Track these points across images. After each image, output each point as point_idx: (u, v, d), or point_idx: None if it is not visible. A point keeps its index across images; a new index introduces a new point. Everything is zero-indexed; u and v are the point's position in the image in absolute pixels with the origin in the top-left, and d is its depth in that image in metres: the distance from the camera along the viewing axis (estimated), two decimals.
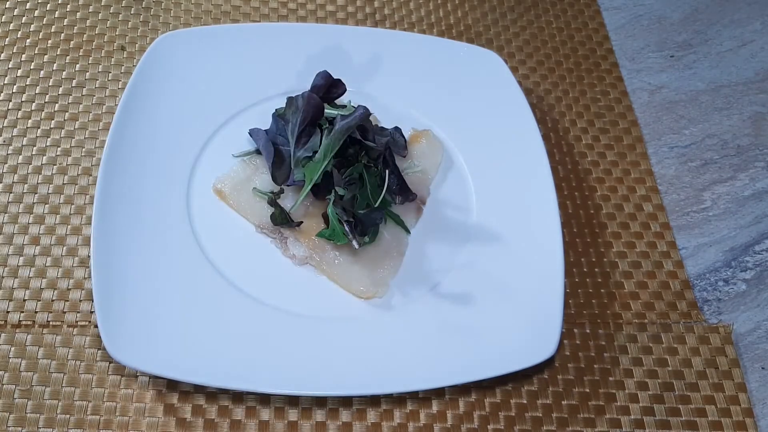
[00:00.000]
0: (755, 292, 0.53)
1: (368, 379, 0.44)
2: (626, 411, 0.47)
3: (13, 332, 0.46)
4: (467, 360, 0.46)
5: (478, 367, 0.45)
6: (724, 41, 0.68)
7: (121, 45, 0.61)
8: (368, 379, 0.45)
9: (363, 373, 0.45)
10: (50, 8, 0.62)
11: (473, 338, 0.47)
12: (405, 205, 0.52)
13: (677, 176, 0.59)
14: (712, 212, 0.57)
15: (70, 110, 0.57)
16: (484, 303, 0.49)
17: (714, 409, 0.47)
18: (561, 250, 0.49)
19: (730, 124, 0.62)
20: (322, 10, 0.65)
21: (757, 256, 0.55)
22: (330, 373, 0.44)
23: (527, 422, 0.46)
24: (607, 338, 0.50)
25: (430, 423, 0.45)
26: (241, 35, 0.59)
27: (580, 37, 0.66)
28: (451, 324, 0.48)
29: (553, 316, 0.47)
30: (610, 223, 0.55)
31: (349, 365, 0.45)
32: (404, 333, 0.47)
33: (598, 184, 0.57)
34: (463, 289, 0.49)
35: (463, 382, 0.46)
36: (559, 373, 0.48)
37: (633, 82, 0.64)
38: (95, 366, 0.46)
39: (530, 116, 0.56)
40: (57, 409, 0.44)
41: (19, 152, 0.54)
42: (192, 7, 0.64)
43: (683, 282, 0.53)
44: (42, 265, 0.49)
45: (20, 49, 0.60)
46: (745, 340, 0.51)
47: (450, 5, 0.67)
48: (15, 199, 0.52)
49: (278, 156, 0.51)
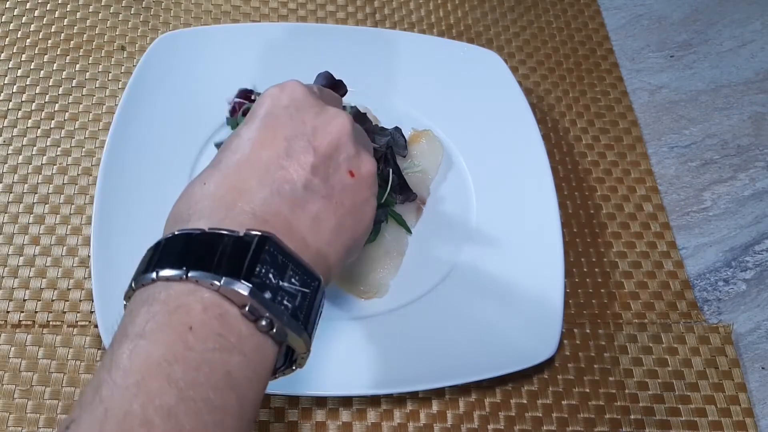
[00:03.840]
0: (755, 292, 0.53)
1: (368, 380, 0.44)
2: (626, 411, 0.47)
3: (13, 332, 0.46)
4: (467, 360, 0.46)
5: (479, 367, 0.45)
6: (725, 41, 0.68)
7: (121, 45, 0.61)
8: (368, 379, 0.45)
9: (363, 374, 0.45)
10: (50, 8, 0.62)
11: (473, 338, 0.47)
12: (405, 205, 0.52)
13: (677, 176, 0.59)
14: (712, 212, 0.57)
15: (70, 110, 0.57)
16: (484, 303, 0.49)
17: (714, 409, 0.47)
18: (561, 250, 0.49)
19: (731, 124, 0.62)
20: (322, 9, 0.65)
21: (757, 256, 0.55)
22: (330, 373, 0.44)
23: (527, 422, 0.46)
24: (607, 338, 0.50)
25: (430, 423, 0.45)
26: (242, 35, 0.59)
27: (580, 37, 0.66)
28: (452, 324, 0.48)
29: (553, 316, 0.47)
30: (610, 223, 0.55)
31: (349, 365, 0.45)
32: (404, 333, 0.47)
33: (598, 184, 0.57)
34: (463, 290, 0.49)
35: (464, 382, 0.46)
36: (559, 373, 0.48)
37: (633, 82, 0.64)
38: (95, 366, 0.46)
39: (530, 116, 0.56)
40: (57, 409, 0.44)
41: (19, 152, 0.54)
42: (192, 7, 0.64)
43: (683, 282, 0.53)
44: (42, 265, 0.49)
45: (20, 49, 0.60)
46: (745, 340, 0.51)
47: (450, 5, 0.67)
48: (15, 199, 0.52)
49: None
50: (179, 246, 0.30)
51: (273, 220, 0.32)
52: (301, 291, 0.31)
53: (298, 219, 0.33)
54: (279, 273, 0.30)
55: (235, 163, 0.34)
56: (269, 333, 0.29)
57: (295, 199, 0.33)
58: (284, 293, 0.30)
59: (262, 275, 0.29)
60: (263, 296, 0.29)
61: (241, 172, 0.33)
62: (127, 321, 0.29)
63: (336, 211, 0.34)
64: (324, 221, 0.34)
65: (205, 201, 0.33)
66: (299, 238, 0.33)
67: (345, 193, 0.35)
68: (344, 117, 0.36)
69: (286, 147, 0.34)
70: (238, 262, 0.29)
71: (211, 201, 0.32)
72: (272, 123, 0.35)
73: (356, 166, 0.36)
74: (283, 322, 0.29)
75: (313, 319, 0.31)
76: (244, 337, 0.29)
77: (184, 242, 0.30)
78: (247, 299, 0.29)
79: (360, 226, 0.36)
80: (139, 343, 0.27)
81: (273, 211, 0.32)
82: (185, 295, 0.28)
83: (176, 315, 0.28)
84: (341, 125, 0.36)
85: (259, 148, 0.34)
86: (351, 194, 0.35)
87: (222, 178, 0.33)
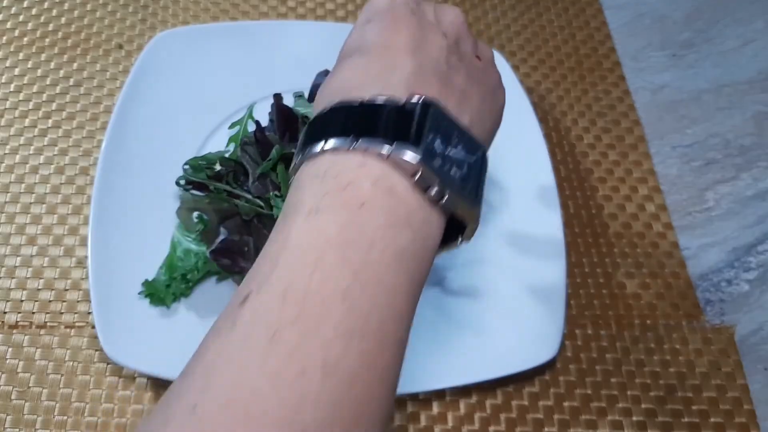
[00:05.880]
0: (758, 292, 0.53)
1: None
2: (628, 413, 0.46)
3: (10, 333, 0.46)
4: (468, 361, 0.45)
5: (479, 369, 0.45)
6: (727, 40, 0.67)
7: (118, 43, 0.60)
8: None
9: None
10: (47, 6, 0.62)
11: (474, 339, 0.46)
12: None
13: (680, 176, 0.58)
14: (715, 212, 0.57)
15: (68, 109, 0.56)
16: (484, 304, 0.48)
17: (717, 410, 0.47)
18: (563, 250, 0.49)
19: (733, 123, 0.62)
20: (322, 8, 0.65)
21: (760, 256, 0.54)
22: None
23: (528, 424, 0.46)
24: (609, 339, 0.49)
25: (430, 425, 0.45)
26: (240, 33, 0.59)
27: (581, 35, 0.66)
28: (452, 325, 0.47)
29: (555, 317, 0.47)
30: (612, 224, 0.55)
31: None
32: None
33: (600, 184, 0.57)
34: (464, 290, 0.49)
35: (464, 383, 0.45)
36: (561, 375, 0.48)
37: (635, 81, 0.64)
38: (93, 367, 0.45)
39: (532, 115, 0.55)
40: (54, 411, 0.43)
41: (16, 152, 0.54)
42: (190, 5, 0.64)
43: (686, 283, 0.52)
44: (39, 266, 0.49)
45: (17, 48, 0.59)
46: (749, 341, 0.50)
47: (451, 3, 0.66)
48: (12, 199, 0.51)
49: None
50: (341, 116, 0.30)
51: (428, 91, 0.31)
52: (467, 159, 0.30)
53: (448, 91, 0.32)
54: (445, 139, 0.29)
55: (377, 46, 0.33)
56: (438, 203, 0.29)
57: (442, 74, 0.33)
58: (452, 161, 0.29)
59: (430, 141, 0.28)
60: (433, 163, 0.28)
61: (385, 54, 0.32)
62: (298, 196, 0.28)
63: (479, 87, 0.34)
64: (470, 97, 0.33)
65: (355, 79, 0.32)
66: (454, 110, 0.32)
67: (479, 74, 0.35)
68: (458, 10, 0.37)
69: (420, 31, 0.34)
70: (405, 127, 0.28)
71: (363, 77, 0.32)
72: (398, 15, 0.34)
73: (480, 51, 0.37)
74: (454, 190, 0.29)
75: (481, 188, 0.31)
76: (413, 210, 0.28)
77: (345, 112, 0.30)
78: (417, 167, 0.28)
79: (497, 106, 0.37)
80: (313, 220, 0.27)
81: (426, 82, 0.32)
82: (355, 168, 0.28)
83: (347, 192, 0.27)
84: (459, 16, 0.37)
85: (394, 34, 0.33)
86: (484, 76, 0.36)
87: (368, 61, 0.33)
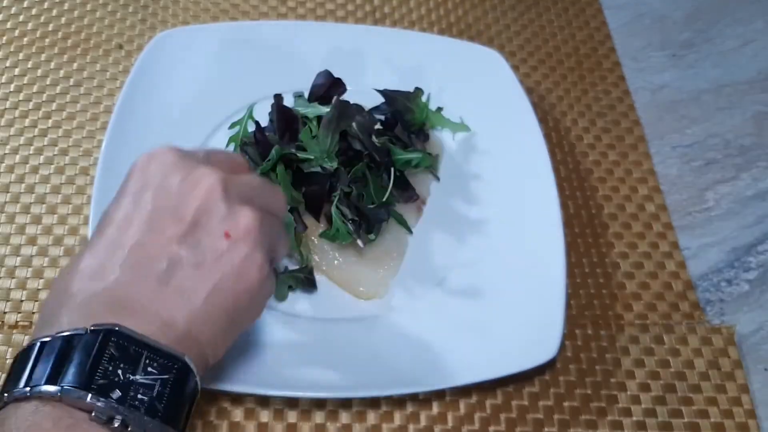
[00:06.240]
0: (758, 292, 0.53)
1: (368, 381, 0.44)
2: (628, 413, 0.46)
3: (10, 333, 0.46)
4: (468, 361, 0.45)
5: (479, 369, 0.45)
6: (727, 40, 0.67)
7: (118, 43, 0.60)
8: (368, 380, 0.44)
9: (363, 375, 0.44)
10: (47, 6, 0.62)
11: (474, 340, 0.46)
12: (406, 205, 0.52)
13: (680, 176, 0.58)
14: (715, 212, 0.57)
15: (68, 109, 0.56)
16: (484, 304, 0.48)
17: (716, 410, 0.47)
18: (563, 250, 0.49)
19: (733, 123, 0.62)
20: (322, 8, 0.65)
21: (760, 256, 0.54)
22: (329, 374, 0.44)
23: (528, 424, 0.46)
24: (608, 339, 0.49)
25: (430, 425, 0.45)
26: (240, 33, 0.59)
27: (581, 35, 0.66)
28: (452, 325, 0.47)
29: (554, 317, 0.47)
30: (612, 224, 0.55)
31: (349, 367, 0.45)
32: (404, 334, 0.47)
33: (599, 184, 0.57)
34: (464, 290, 0.49)
35: (464, 383, 0.45)
36: (561, 375, 0.48)
37: (635, 82, 0.64)
38: None
39: (532, 115, 0.55)
40: None
41: (16, 151, 0.54)
42: (190, 5, 0.64)
43: (686, 282, 0.52)
44: (39, 266, 0.49)
45: (17, 48, 0.59)
46: (748, 341, 0.50)
47: (450, 3, 0.67)
48: (12, 199, 0.51)
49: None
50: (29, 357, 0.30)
51: (131, 304, 0.32)
52: (159, 379, 0.30)
53: (161, 296, 0.32)
54: (131, 365, 0.30)
55: (99, 246, 0.33)
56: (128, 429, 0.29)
57: (159, 276, 0.32)
58: (138, 386, 0.29)
59: (109, 373, 0.29)
60: (109, 398, 0.29)
61: (103, 258, 0.33)
62: None
63: (210, 277, 0.33)
64: (195, 291, 0.33)
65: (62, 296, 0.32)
66: (162, 317, 0.32)
67: (220, 257, 0.34)
68: (212, 176, 0.34)
69: (149, 223, 0.33)
70: (81, 366, 0.29)
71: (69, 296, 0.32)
72: (137, 199, 0.34)
73: (232, 224, 0.34)
74: (137, 418, 0.29)
75: (177, 405, 0.31)
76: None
77: (37, 352, 0.30)
78: (90, 405, 0.28)
79: (241, 285, 0.34)
80: None
81: (130, 294, 0.32)
82: (32, 414, 0.28)
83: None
84: (208, 186, 0.34)
85: (124, 228, 0.33)
86: (227, 256, 0.34)
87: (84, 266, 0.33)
